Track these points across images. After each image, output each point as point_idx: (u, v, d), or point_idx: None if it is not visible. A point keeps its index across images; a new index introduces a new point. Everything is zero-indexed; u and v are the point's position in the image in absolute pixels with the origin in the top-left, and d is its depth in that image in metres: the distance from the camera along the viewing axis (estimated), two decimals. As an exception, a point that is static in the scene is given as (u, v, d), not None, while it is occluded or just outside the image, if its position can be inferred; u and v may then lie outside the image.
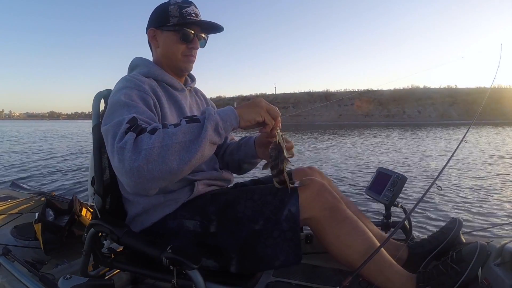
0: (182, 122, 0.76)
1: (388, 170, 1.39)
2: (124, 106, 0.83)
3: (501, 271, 0.92)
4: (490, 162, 7.35)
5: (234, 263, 0.88)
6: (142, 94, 0.90)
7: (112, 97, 0.89)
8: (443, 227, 1.13)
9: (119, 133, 0.74)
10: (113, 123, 0.78)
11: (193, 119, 0.77)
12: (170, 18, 0.99)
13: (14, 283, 1.09)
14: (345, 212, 0.91)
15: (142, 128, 0.75)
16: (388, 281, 0.85)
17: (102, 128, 0.82)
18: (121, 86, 0.91)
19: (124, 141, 0.71)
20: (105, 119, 0.85)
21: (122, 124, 0.76)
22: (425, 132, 19.62)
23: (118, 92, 0.88)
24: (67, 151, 10.76)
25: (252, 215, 0.88)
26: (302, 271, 1.25)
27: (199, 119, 0.77)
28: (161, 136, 0.71)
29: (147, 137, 0.71)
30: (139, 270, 0.97)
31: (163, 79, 1.03)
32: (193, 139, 0.73)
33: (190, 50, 1.03)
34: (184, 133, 0.73)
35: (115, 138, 0.74)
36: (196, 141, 0.73)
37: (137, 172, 0.69)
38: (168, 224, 0.93)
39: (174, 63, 1.05)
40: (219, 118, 0.78)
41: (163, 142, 0.70)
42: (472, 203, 3.98)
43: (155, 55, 1.07)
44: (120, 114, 0.81)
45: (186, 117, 0.79)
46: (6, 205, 1.82)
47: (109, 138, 0.76)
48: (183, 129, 0.74)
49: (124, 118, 0.78)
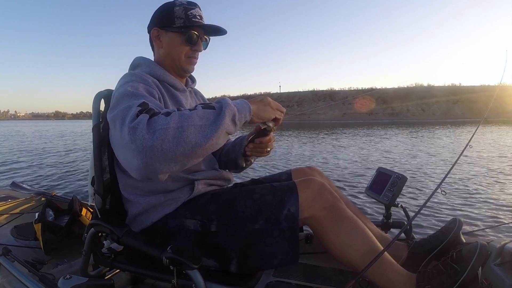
0: (198, 107, 0.76)
1: (388, 170, 1.39)
2: (131, 95, 0.82)
3: (501, 271, 0.92)
4: (490, 162, 7.35)
5: (234, 263, 0.88)
6: (148, 88, 0.89)
7: (118, 90, 0.87)
8: (443, 227, 1.13)
9: (130, 115, 0.71)
10: (121, 108, 0.76)
11: (209, 105, 0.77)
12: (175, 19, 0.98)
13: (14, 283, 1.09)
14: (344, 211, 0.91)
15: (155, 111, 0.73)
16: (388, 280, 0.86)
17: (109, 116, 0.80)
18: (127, 80, 0.90)
19: (137, 121, 0.69)
20: (111, 109, 0.82)
21: (132, 108, 0.74)
22: (429, 130, 19.49)
23: (124, 85, 0.87)
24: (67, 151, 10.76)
25: (252, 214, 0.88)
26: (302, 271, 1.25)
27: (214, 107, 0.77)
28: (177, 117, 0.70)
29: (162, 118, 0.70)
30: (139, 270, 0.97)
31: (165, 79, 1.02)
32: (209, 124, 0.73)
33: (193, 52, 1.04)
34: (200, 118, 0.72)
35: (124, 120, 0.71)
36: (213, 126, 0.73)
37: (150, 152, 0.67)
38: (169, 223, 0.94)
39: (177, 64, 1.04)
40: (236, 109, 0.79)
41: (178, 124, 0.69)
42: (472, 203, 3.98)
43: (157, 55, 1.07)
44: (127, 102, 0.79)
45: (202, 104, 0.79)
46: (6, 205, 1.82)
47: (117, 123, 0.73)
48: (199, 113, 0.73)
49: (133, 103, 0.76)
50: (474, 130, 1.41)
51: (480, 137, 14.50)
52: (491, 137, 14.30)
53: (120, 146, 0.74)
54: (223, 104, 0.78)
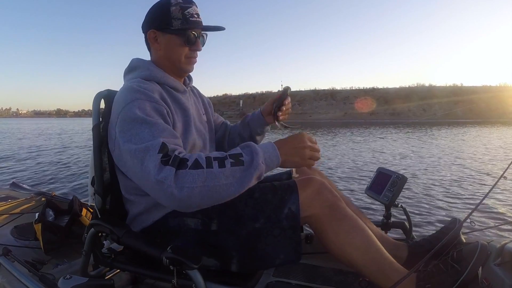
0: (227, 163, 0.77)
1: (388, 170, 1.39)
2: (142, 122, 0.81)
3: (501, 271, 0.92)
4: (490, 163, 7.35)
5: (235, 262, 0.88)
6: (155, 106, 0.87)
7: (125, 111, 0.84)
8: (443, 227, 1.13)
9: (154, 164, 0.74)
10: (140, 147, 0.77)
11: (238, 160, 0.78)
12: (172, 20, 0.95)
13: (14, 283, 1.09)
14: (344, 210, 0.91)
15: (180, 160, 0.76)
16: (388, 280, 0.85)
17: (124, 146, 0.81)
18: (132, 98, 0.86)
19: (164, 176, 0.73)
20: (122, 134, 0.83)
21: (149, 150, 0.76)
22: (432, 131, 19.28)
23: (130, 104, 0.85)
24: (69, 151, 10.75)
25: (253, 213, 0.89)
26: (302, 271, 1.25)
27: (243, 162, 0.78)
28: (204, 176, 0.74)
29: (190, 174, 0.74)
30: (139, 270, 0.97)
31: (166, 82, 1.00)
32: (234, 183, 0.76)
33: (193, 52, 1.02)
34: (227, 177, 0.76)
35: (146, 164, 0.75)
36: (238, 185, 0.77)
37: (178, 202, 0.75)
38: (169, 222, 0.94)
39: (177, 65, 1.02)
40: (264, 168, 0.81)
41: (205, 183, 0.74)
42: (472, 204, 3.98)
43: (155, 56, 1.04)
44: (140, 131, 0.80)
45: (231, 155, 0.79)
46: (6, 205, 1.82)
47: (136, 162, 0.77)
48: (227, 172, 0.76)
49: (152, 144, 0.77)
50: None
51: (483, 134, 14.44)
52: (496, 137, 14.23)
53: (143, 185, 0.80)
54: (252, 163, 0.78)
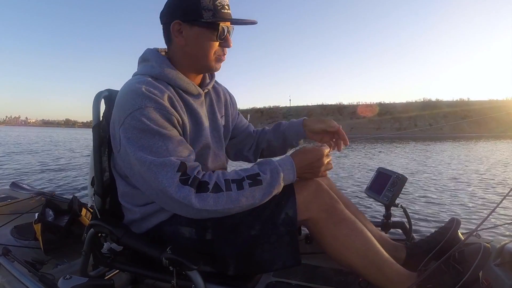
0: (245, 184, 0.80)
1: (388, 170, 1.39)
2: (155, 134, 0.79)
3: (501, 271, 0.92)
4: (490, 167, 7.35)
5: (231, 269, 0.86)
6: (165, 114, 0.81)
7: (132, 117, 0.79)
8: (441, 227, 1.13)
9: (173, 181, 0.76)
10: (156, 161, 0.77)
11: (256, 180, 0.81)
12: (203, 11, 0.84)
13: (14, 283, 1.09)
14: (343, 213, 0.89)
15: (200, 183, 0.79)
16: (388, 280, 0.85)
17: (135, 155, 0.79)
18: (140, 104, 0.79)
19: (183, 196, 0.76)
20: (131, 142, 0.79)
21: (166, 167, 0.77)
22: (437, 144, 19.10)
23: (138, 112, 0.79)
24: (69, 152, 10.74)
25: (248, 220, 0.85)
26: (302, 271, 1.25)
27: (261, 181, 0.81)
28: (224, 199, 0.78)
29: (211, 198, 0.77)
30: (139, 270, 0.97)
31: (177, 83, 0.90)
32: (252, 203, 0.81)
33: (223, 49, 0.92)
34: (247, 198, 0.79)
35: (159, 179, 0.76)
36: (254, 203, 0.81)
37: (196, 216, 0.81)
38: (164, 230, 0.91)
39: (203, 63, 0.92)
40: (282, 186, 0.84)
41: (225, 206, 0.78)
42: (473, 204, 3.97)
43: (174, 51, 0.92)
44: (153, 143, 0.78)
45: (248, 176, 0.82)
46: (6, 205, 1.82)
47: (150, 175, 0.77)
48: (246, 193, 0.79)
49: (170, 162, 0.77)
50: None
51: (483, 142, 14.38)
52: (498, 147, 14.18)
53: (155, 197, 0.82)
54: (272, 183, 0.82)
